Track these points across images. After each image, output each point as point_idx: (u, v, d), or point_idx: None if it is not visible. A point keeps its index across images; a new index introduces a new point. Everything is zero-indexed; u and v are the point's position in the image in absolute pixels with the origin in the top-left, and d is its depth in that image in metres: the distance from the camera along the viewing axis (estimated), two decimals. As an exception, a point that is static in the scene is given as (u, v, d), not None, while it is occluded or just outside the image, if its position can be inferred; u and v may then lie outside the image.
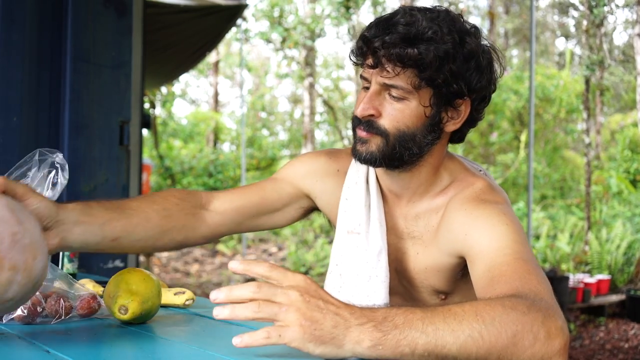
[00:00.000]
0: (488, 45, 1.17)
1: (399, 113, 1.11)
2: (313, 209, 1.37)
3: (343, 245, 1.27)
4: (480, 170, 1.30)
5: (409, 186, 1.21)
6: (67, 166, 1.12)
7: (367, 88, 1.15)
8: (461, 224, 1.13)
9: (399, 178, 1.21)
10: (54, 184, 1.11)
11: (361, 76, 1.16)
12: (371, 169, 1.26)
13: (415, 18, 1.08)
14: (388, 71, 1.09)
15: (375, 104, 1.12)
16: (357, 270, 1.23)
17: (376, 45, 1.08)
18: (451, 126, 1.16)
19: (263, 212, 1.31)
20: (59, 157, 1.12)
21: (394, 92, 1.11)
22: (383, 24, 1.10)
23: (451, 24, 1.10)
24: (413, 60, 1.06)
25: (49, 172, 1.11)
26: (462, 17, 1.15)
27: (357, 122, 1.15)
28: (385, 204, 1.27)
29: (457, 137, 1.22)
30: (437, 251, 1.20)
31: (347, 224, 1.27)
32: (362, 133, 1.14)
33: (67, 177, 1.12)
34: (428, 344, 0.79)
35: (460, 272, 1.22)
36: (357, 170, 1.28)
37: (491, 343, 0.81)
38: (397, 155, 1.14)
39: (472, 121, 1.19)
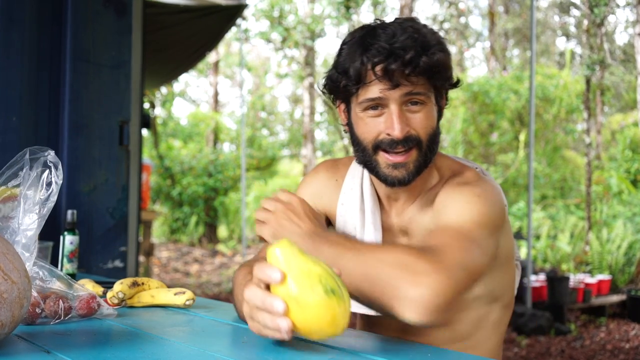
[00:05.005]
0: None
1: (425, 119, 1.16)
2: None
3: None
4: (477, 168, 1.33)
5: (406, 190, 1.24)
6: (60, 164, 1.11)
7: (374, 108, 1.16)
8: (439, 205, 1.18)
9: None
10: (49, 184, 1.10)
11: (369, 99, 1.15)
12: (365, 175, 1.30)
13: (413, 29, 1.13)
14: (411, 82, 1.12)
15: (404, 120, 1.15)
16: None
17: (393, 66, 1.10)
18: (442, 114, 1.23)
19: None
20: (50, 156, 1.11)
21: (416, 99, 1.14)
22: (384, 46, 1.11)
23: (427, 26, 1.16)
24: (429, 66, 1.12)
25: (43, 172, 1.10)
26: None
27: (392, 144, 1.15)
28: (381, 206, 1.31)
29: None
30: None
31: (344, 228, 1.33)
32: (399, 157, 1.16)
33: (61, 175, 1.11)
34: (327, 255, 1.03)
35: None
36: (352, 177, 1.33)
37: (363, 277, 0.99)
38: (427, 161, 1.19)
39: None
